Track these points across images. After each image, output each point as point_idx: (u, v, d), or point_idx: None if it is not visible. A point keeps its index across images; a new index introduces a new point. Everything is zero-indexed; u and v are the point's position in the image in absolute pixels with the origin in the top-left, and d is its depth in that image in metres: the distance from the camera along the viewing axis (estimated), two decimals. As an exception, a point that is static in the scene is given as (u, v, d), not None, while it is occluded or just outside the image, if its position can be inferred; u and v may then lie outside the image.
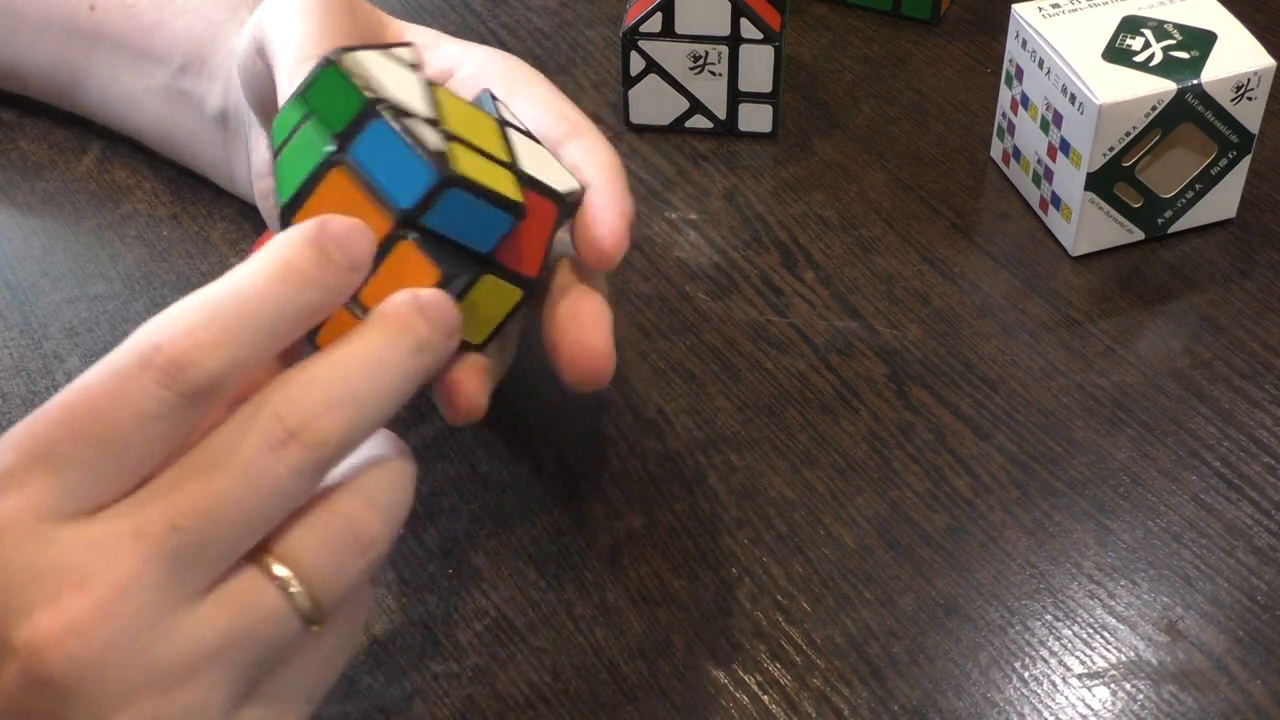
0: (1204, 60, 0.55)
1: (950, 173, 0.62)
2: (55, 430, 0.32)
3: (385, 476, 0.36)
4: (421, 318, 0.36)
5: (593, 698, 0.44)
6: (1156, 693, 0.44)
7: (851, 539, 0.48)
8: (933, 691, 0.44)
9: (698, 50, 0.62)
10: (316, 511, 0.34)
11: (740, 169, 0.63)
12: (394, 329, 0.36)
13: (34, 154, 0.63)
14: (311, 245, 0.35)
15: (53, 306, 0.56)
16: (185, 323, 0.33)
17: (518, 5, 0.72)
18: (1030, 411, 0.52)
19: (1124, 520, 0.49)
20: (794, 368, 0.54)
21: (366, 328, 0.36)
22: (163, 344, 0.33)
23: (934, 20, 0.70)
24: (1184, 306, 0.57)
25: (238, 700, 0.34)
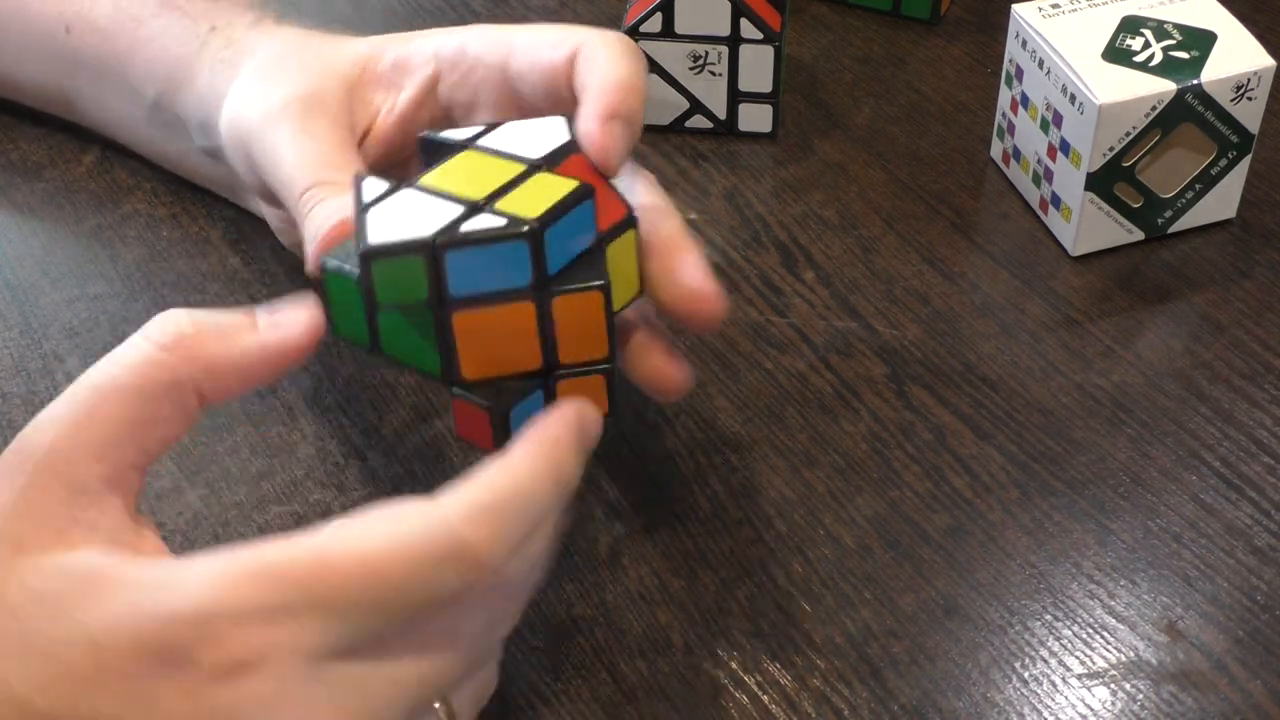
0: (1204, 60, 0.55)
1: (950, 173, 0.62)
2: (351, 587, 0.33)
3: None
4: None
5: (593, 698, 0.44)
6: (1156, 693, 0.44)
7: (851, 539, 0.48)
8: (933, 691, 0.44)
9: (698, 50, 0.62)
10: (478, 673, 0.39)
11: (740, 169, 0.63)
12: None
13: (34, 154, 0.63)
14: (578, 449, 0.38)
15: (53, 306, 0.56)
16: (493, 524, 0.35)
17: (518, 5, 0.72)
18: (1030, 411, 0.52)
19: (1124, 520, 0.49)
20: (794, 368, 0.54)
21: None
22: (475, 544, 0.34)
23: (934, 20, 0.70)
24: (1184, 306, 0.57)
25: None
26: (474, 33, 0.50)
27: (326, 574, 0.33)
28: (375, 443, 0.51)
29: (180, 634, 0.32)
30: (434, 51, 0.50)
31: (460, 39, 0.50)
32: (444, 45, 0.50)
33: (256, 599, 0.33)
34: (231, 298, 0.56)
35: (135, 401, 0.36)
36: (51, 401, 0.36)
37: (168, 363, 0.36)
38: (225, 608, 0.32)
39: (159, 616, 0.32)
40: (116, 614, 0.33)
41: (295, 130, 0.47)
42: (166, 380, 0.36)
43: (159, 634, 0.32)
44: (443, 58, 0.50)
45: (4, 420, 0.52)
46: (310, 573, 0.33)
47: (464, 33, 0.50)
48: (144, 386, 0.36)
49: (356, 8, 0.72)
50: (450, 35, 0.51)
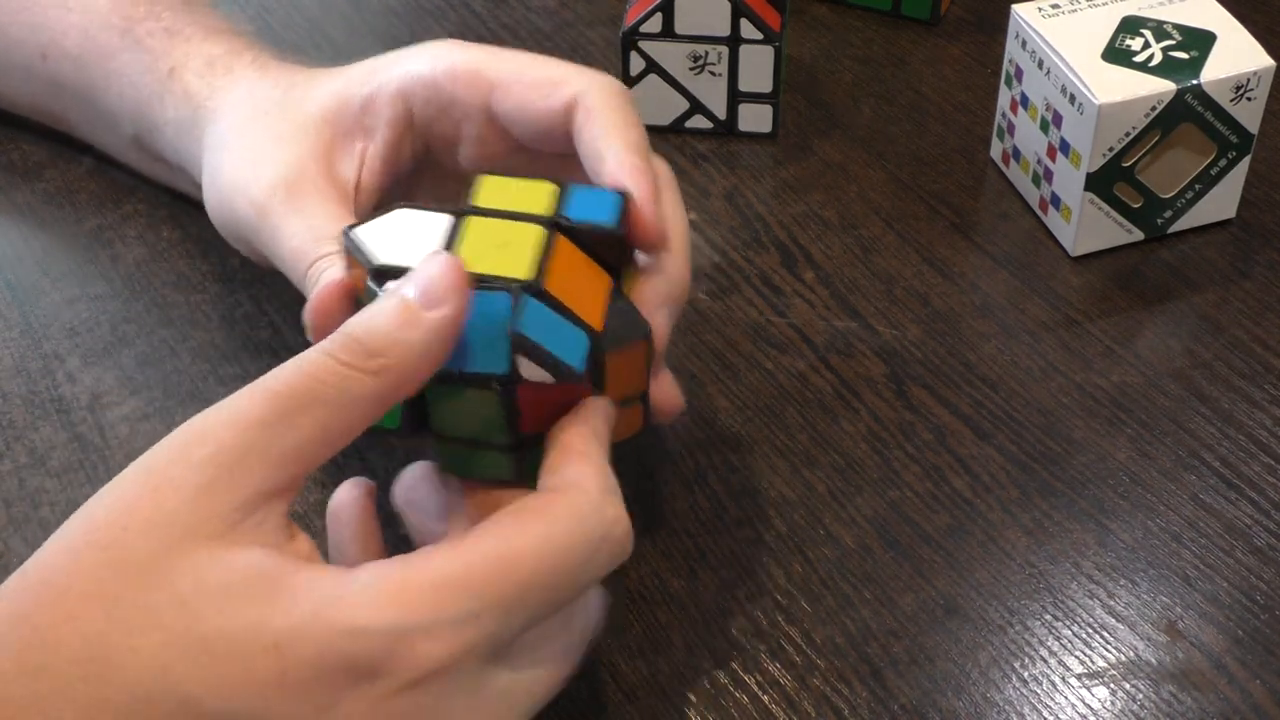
0: (1203, 60, 0.55)
1: (950, 173, 0.63)
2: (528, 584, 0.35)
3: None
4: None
5: (593, 698, 0.44)
6: (1156, 692, 0.44)
7: (851, 539, 0.48)
8: (932, 691, 0.44)
9: (698, 50, 0.62)
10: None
11: (740, 169, 0.63)
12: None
13: (34, 154, 0.63)
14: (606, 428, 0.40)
15: (53, 306, 0.56)
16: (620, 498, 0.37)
17: (518, 5, 0.72)
18: (1030, 411, 0.52)
19: (1124, 520, 0.49)
20: (794, 368, 0.54)
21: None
22: (620, 519, 0.37)
23: (934, 20, 0.70)
24: (1184, 306, 0.57)
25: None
26: (442, 62, 0.48)
27: (508, 575, 0.34)
28: (375, 442, 0.51)
29: (371, 651, 0.33)
30: (399, 89, 0.48)
31: (430, 70, 0.48)
32: (410, 80, 0.48)
33: (445, 611, 0.34)
34: (231, 298, 0.57)
35: (330, 412, 0.35)
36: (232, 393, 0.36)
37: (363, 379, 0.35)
38: (417, 623, 0.33)
39: (348, 631, 0.33)
40: (299, 622, 0.33)
41: (285, 215, 0.46)
42: (361, 394, 0.35)
43: (348, 649, 0.33)
44: (412, 95, 0.48)
45: (4, 420, 0.52)
46: (493, 577, 0.34)
47: (433, 61, 0.48)
48: (339, 398, 0.35)
49: (357, 8, 0.72)
50: (414, 65, 0.48)
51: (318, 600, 0.33)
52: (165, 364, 0.54)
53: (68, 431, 0.52)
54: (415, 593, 0.33)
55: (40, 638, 0.32)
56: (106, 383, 0.53)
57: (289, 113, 0.49)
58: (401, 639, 0.33)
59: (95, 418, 0.52)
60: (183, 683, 0.32)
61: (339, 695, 0.33)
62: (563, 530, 0.35)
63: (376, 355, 0.35)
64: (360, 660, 0.33)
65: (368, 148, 0.49)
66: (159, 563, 0.33)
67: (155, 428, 0.52)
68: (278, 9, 0.72)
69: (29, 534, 0.49)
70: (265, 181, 0.47)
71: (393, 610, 0.33)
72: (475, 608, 0.34)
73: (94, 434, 0.52)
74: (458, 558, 0.34)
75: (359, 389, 0.35)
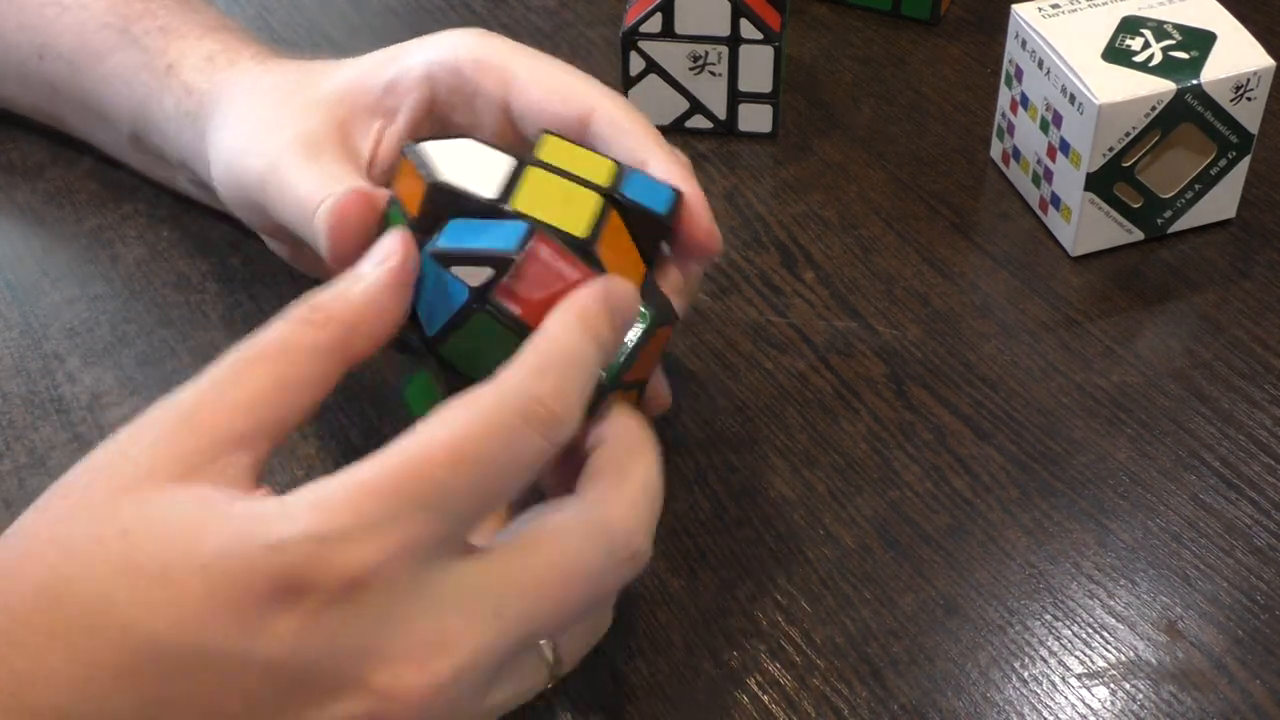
0: (1203, 60, 0.55)
1: (950, 173, 0.63)
2: (444, 478, 0.34)
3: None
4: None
5: (593, 698, 0.44)
6: (1156, 693, 0.44)
7: (851, 539, 0.48)
8: (932, 691, 0.44)
9: (698, 50, 0.62)
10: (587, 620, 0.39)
11: (740, 169, 0.63)
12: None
13: (34, 154, 0.63)
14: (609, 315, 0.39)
15: (53, 306, 0.56)
16: (555, 378, 0.36)
17: (517, 5, 0.72)
18: (1030, 411, 0.52)
19: (1124, 520, 0.49)
20: (794, 368, 0.54)
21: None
22: (543, 398, 0.36)
23: (934, 20, 0.70)
24: (1184, 306, 0.57)
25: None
26: (468, 50, 0.48)
27: (420, 472, 0.34)
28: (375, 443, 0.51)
29: (291, 561, 0.33)
30: (425, 73, 0.49)
31: (454, 58, 0.48)
32: (436, 65, 0.48)
33: (362, 514, 0.33)
34: (231, 297, 0.57)
35: (278, 365, 0.37)
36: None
37: (308, 330, 0.37)
38: (333, 528, 0.33)
39: (270, 545, 0.33)
40: (226, 543, 0.33)
41: (302, 164, 0.47)
42: (308, 345, 0.37)
43: (270, 562, 0.33)
44: (437, 80, 0.49)
45: (4, 420, 0.52)
46: (405, 476, 0.34)
47: (456, 49, 0.48)
48: (287, 352, 0.37)
49: (357, 8, 0.72)
50: (440, 51, 0.49)
51: (244, 522, 0.34)
52: (165, 364, 0.54)
53: (67, 431, 0.52)
54: (331, 502, 0.34)
55: (2, 576, 0.34)
56: (106, 383, 0.53)
57: (305, 90, 0.50)
58: (320, 545, 0.33)
59: (95, 418, 0.52)
60: (124, 610, 0.33)
61: (267, 612, 0.33)
62: (478, 418, 0.35)
63: (319, 309, 0.38)
64: (283, 574, 0.33)
65: (386, 128, 0.49)
66: (112, 502, 0.34)
67: (155, 428, 0.52)
68: (278, 9, 0.72)
69: (29, 534, 0.49)
70: (282, 140, 0.48)
71: (308, 519, 0.33)
72: (393, 508, 0.34)
73: (94, 434, 0.52)
74: (374, 464, 0.34)
75: (305, 339, 0.37)
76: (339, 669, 0.34)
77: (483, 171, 0.41)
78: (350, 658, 0.34)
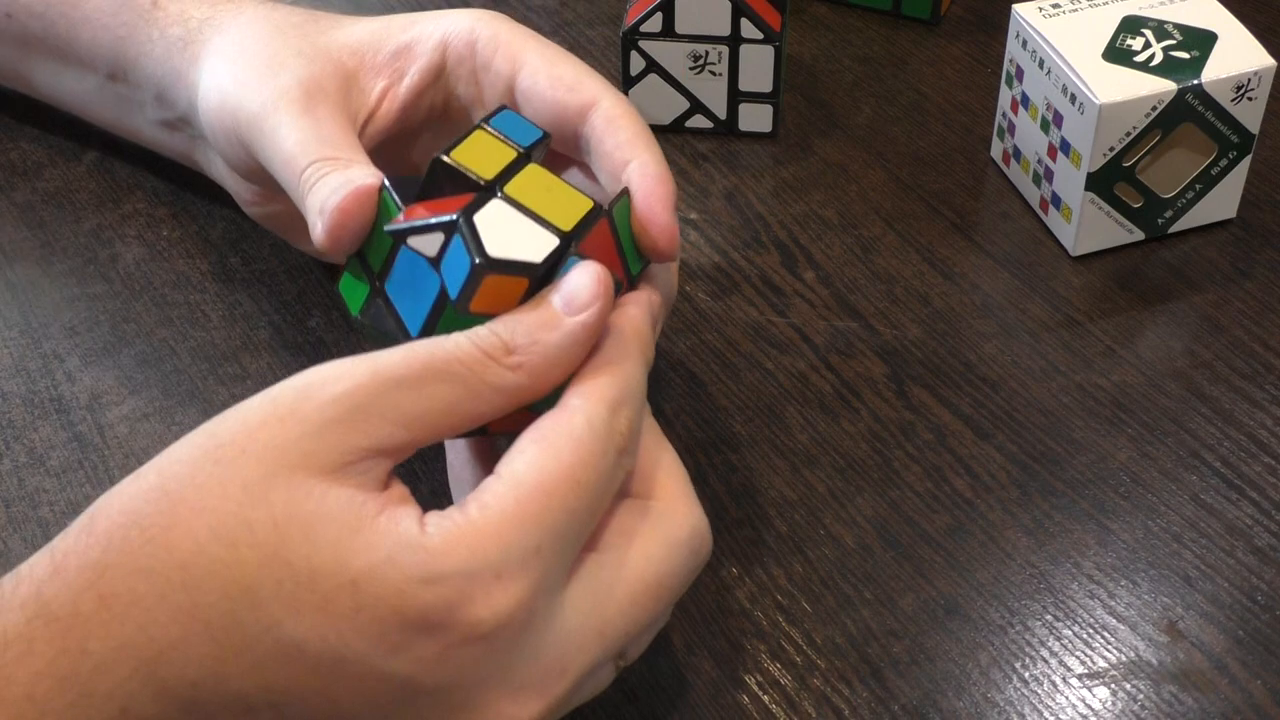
0: (1204, 60, 0.55)
1: (950, 173, 0.62)
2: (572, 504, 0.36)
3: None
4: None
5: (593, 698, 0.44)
6: (1156, 693, 0.44)
7: (851, 539, 0.48)
8: (933, 691, 0.44)
9: (698, 50, 0.62)
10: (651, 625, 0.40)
11: (740, 169, 0.63)
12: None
13: (34, 154, 0.63)
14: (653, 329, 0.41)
15: (53, 306, 0.56)
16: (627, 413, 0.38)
17: (518, 5, 0.72)
18: (1030, 411, 0.52)
19: (1124, 520, 0.49)
20: (794, 368, 0.54)
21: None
22: (624, 430, 0.37)
23: (934, 20, 0.70)
24: (1184, 306, 0.57)
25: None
26: (485, 27, 0.49)
27: (550, 501, 0.35)
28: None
29: (444, 596, 0.34)
30: (441, 39, 0.49)
31: (470, 30, 0.49)
32: (452, 35, 0.49)
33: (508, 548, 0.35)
34: (231, 297, 0.56)
35: (460, 392, 0.37)
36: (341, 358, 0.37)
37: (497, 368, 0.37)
38: (483, 566, 0.34)
39: (423, 578, 0.34)
40: (377, 564, 0.34)
41: (297, 113, 0.47)
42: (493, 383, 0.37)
43: (422, 594, 0.34)
44: (451, 49, 0.49)
45: (4, 420, 0.52)
46: (540, 505, 0.35)
47: (475, 24, 0.49)
48: (471, 382, 0.37)
49: (357, 8, 0.72)
50: (458, 23, 0.49)
51: (394, 545, 0.34)
52: (165, 364, 0.54)
53: (67, 431, 0.52)
54: (480, 537, 0.35)
55: (149, 541, 0.34)
56: (106, 382, 0.53)
57: (314, 36, 0.50)
58: (471, 583, 0.34)
59: (95, 417, 0.52)
60: (268, 605, 0.33)
61: (412, 638, 0.34)
62: (584, 448, 0.36)
63: (515, 352, 0.37)
64: (434, 608, 0.34)
65: (391, 88, 0.50)
66: (265, 484, 0.34)
67: (155, 427, 0.52)
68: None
69: (28, 533, 0.49)
70: (282, 83, 0.48)
71: (460, 557, 0.34)
72: (535, 539, 0.35)
73: (93, 433, 0.52)
74: (508, 494, 0.35)
75: (494, 379, 0.37)
76: (470, 692, 0.35)
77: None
78: (482, 684, 0.35)
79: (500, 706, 0.35)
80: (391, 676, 0.34)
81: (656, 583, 0.38)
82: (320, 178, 0.44)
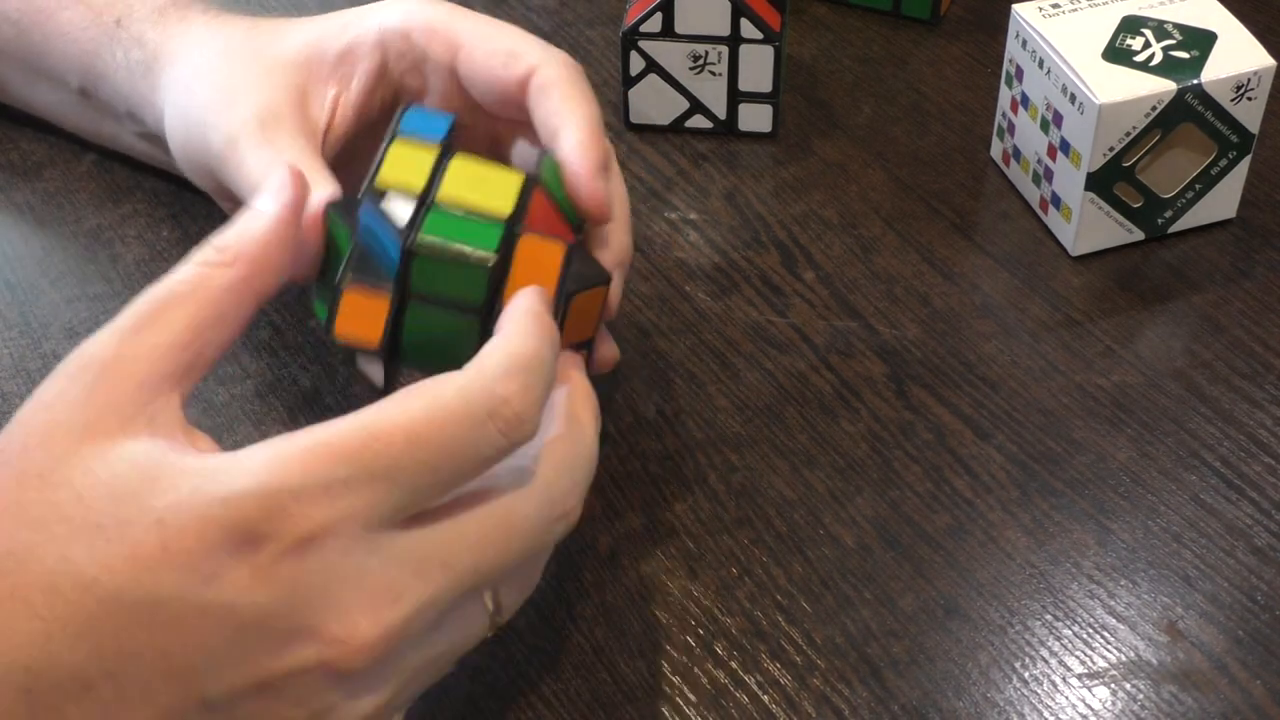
0: (1204, 60, 0.55)
1: (950, 173, 0.62)
2: (400, 454, 0.35)
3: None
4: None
5: (593, 698, 0.44)
6: (1156, 693, 0.44)
7: (851, 539, 0.48)
8: (933, 691, 0.44)
9: (698, 50, 0.62)
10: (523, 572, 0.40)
11: (740, 169, 0.63)
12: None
13: (34, 154, 0.63)
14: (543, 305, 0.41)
15: (53, 306, 0.56)
16: (522, 380, 0.37)
17: (518, 5, 0.72)
18: (1030, 411, 0.52)
19: (1124, 520, 0.49)
20: (794, 368, 0.54)
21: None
22: (509, 398, 0.37)
23: (934, 20, 0.70)
24: (1184, 306, 0.57)
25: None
26: (415, 17, 0.50)
27: (377, 444, 0.35)
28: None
29: (246, 514, 0.34)
30: (378, 39, 0.50)
31: (404, 24, 0.50)
32: (387, 31, 0.50)
33: (315, 474, 0.34)
34: (231, 298, 0.56)
35: (194, 305, 0.38)
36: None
37: (217, 269, 0.39)
38: (287, 485, 0.34)
39: (224, 498, 0.34)
40: (180, 497, 0.34)
41: (256, 145, 0.48)
42: (219, 284, 0.38)
43: (224, 515, 0.34)
44: (389, 46, 0.50)
45: (4, 420, 0.52)
46: (362, 445, 0.35)
47: (407, 15, 0.50)
48: (199, 292, 0.38)
49: (356, 8, 0.72)
50: (391, 17, 0.50)
51: (198, 476, 0.34)
52: (165, 364, 0.54)
53: (67, 431, 0.52)
54: (288, 459, 0.35)
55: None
56: (106, 383, 0.53)
57: (262, 56, 0.51)
58: (272, 501, 0.34)
59: (95, 418, 0.52)
60: (82, 568, 0.33)
61: (221, 563, 0.34)
62: (443, 406, 0.36)
63: (226, 249, 0.39)
64: (237, 525, 0.34)
65: (341, 95, 0.50)
66: (58, 466, 0.35)
67: (155, 428, 0.52)
68: (277, 9, 0.72)
69: (28, 534, 0.49)
70: (239, 116, 0.49)
71: (261, 474, 0.34)
72: (344, 473, 0.35)
73: (94, 434, 0.52)
74: (330, 428, 0.35)
75: (216, 279, 0.38)
76: (293, 617, 0.34)
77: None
78: (304, 607, 0.34)
79: (328, 628, 0.35)
80: (211, 609, 0.34)
81: (509, 530, 0.38)
82: None
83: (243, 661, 0.34)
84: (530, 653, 0.45)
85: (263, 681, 0.35)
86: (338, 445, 0.35)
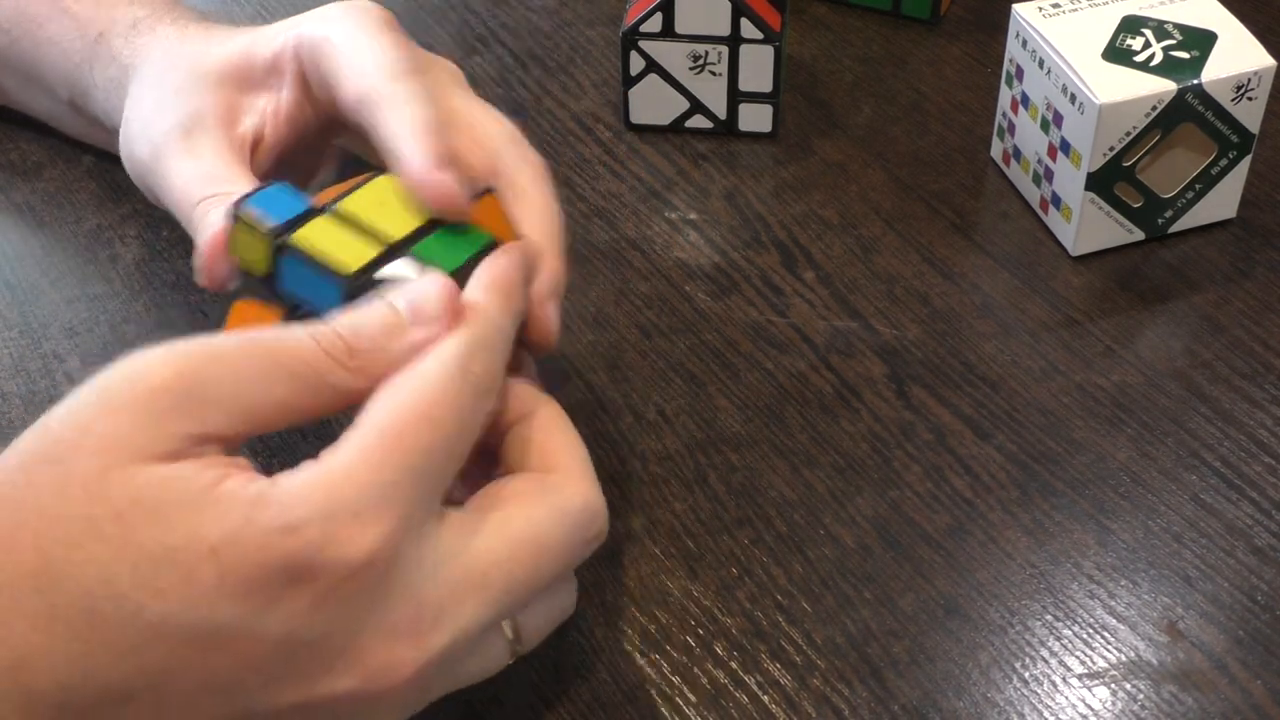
0: (1204, 60, 0.55)
1: (950, 173, 0.62)
2: (424, 437, 0.36)
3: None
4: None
5: (593, 698, 0.44)
6: (1156, 693, 0.44)
7: (851, 539, 0.48)
8: (933, 691, 0.44)
9: (698, 50, 0.62)
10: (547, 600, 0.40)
11: (740, 169, 0.63)
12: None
13: (34, 154, 0.63)
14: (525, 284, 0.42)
15: (53, 306, 0.56)
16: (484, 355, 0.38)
17: (517, 5, 0.72)
18: (1030, 411, 0.52)
19: (1124, 520, 0.49)
20: (794, 368, 0.54)
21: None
22: (474, 361, 0.38)
23: (934, 20, 0.70)
24: (1184, 306, 0.57)
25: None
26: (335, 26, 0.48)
27: (401, 437, 0.35)
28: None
29: (309, 541, 0.34)
30: (294, 49, 0.49)
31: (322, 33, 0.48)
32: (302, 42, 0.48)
33: (369, 488, 0.35)
34: (231, 298, 0.56)
35: (295, 387, 0.37)
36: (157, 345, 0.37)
37: (338, 369, 0.37)
38: (340, 507, 0.34)
39: (281, 528, 0.34)
40: (235, 527, 0.34)
41: (179, 155, 0.48)
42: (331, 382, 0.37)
43: (284, 544, 0.34)
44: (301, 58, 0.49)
45: (4, 420, 0.52)
46: (391, 443, 0.35)
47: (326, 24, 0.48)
48: (309, 378, 0.37)
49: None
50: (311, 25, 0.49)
51: (247, 505, 0.34)
52: (165, 364, 0.54)
53: (67, 431, 0.52)
54: (333, 481, 0.34)
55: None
56: (106, 383, 0.53)
57: (193, 67, 0.50)
58: (331, 524, 0.34)
59: (95, 418, 0.52)
60: (127, 592, 0.33)
61: (281, 592, 0.34)
62: (435, 385, 0.37)
63: (357, 355, 0.37)
64: (297, 554, 0.34)
65: (272, 104, 0.50)
66: (103, 480, 0.34)
67: (155, 428, 0.52)
68: (277, 9, 0.72)
69: (28, 534, 0.49)
70: (164, 126, 0.49)
71: (320, 500, 0.34)
72: (391, 476, 0.35)
73: (93, 434, 0.52)
74: (358, 438, 0.35)
75: (333, 379, 0.37)
76: (344, 641, 0.35)
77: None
78: (356, 631, 0.35)
79: (375, 651, 0.35)
80: (267, 636, 0.34)
81: (537, 545, 0.38)
82: (202, 218, 0.46)
83: (290, 682, 0.35)
84: (530, 653, 0.45)
85: (304, 704, 0.35)
86: (373, 452, 0.35)
